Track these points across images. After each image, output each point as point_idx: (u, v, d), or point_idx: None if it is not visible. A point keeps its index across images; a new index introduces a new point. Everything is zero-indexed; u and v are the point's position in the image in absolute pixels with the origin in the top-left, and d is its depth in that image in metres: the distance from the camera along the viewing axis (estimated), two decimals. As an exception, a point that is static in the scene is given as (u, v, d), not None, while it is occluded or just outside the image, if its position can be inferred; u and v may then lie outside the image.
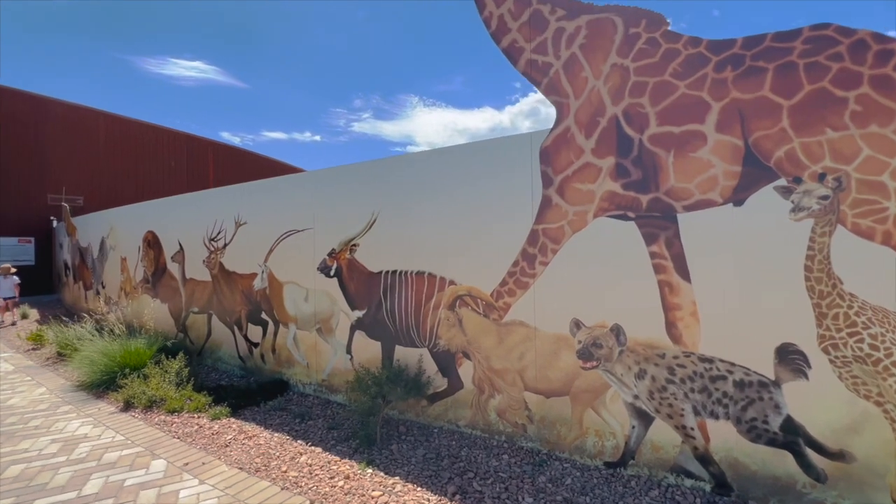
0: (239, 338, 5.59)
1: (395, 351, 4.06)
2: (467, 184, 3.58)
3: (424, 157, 3.87)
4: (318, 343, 4.67)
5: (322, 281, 4.57)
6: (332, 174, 4.56)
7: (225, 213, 5.69)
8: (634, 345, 2.90)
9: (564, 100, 3.15)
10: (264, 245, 5.17)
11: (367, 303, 4.24)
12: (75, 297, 10.98)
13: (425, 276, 3.83)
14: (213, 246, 5.88)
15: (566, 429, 3.17)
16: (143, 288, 7.46)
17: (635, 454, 2.92)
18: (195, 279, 6.27)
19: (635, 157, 2.89)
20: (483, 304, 3.52)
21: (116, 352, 5.17)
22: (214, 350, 5.98)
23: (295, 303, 4.86)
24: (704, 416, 2.70)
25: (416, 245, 3.89)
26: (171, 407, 4.30)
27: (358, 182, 4.30)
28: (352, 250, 4.33)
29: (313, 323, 4.69)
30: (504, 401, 3.44)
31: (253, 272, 5.33)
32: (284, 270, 4.98)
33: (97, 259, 9.32)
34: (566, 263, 3.15)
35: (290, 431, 3.81)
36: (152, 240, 7.21)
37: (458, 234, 3.63)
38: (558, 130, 3.17)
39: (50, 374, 5.80)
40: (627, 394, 2.93)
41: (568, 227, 3.13)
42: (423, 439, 3.57)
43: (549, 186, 3.21)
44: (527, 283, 3.30)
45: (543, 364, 3.25)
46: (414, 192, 3.89)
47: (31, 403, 4.66)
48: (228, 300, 5.69)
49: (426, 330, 3.84)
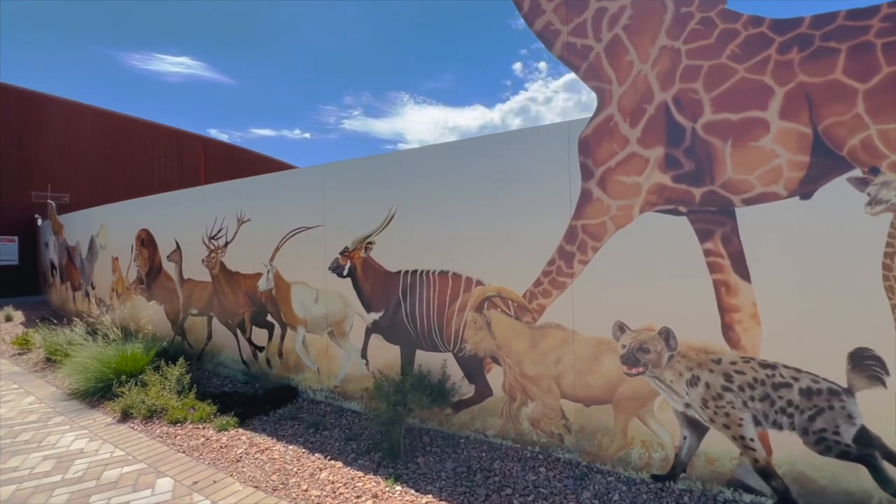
0: (242, 341, 5.29)
1: (415, 356, 3.81)
2: (497, 177, 3.34)
3: (448, 148, 3.62)
4: (329, 347, 4.41)
5: (334, 281, 4.31)
6: (344, 168, 4.29)
7: (226, 209, 5.39)
8: (686, 349, 2.69)
9: (606, 86, 2.93)
10: (270, 243, 4.88)
11: (384, 304, 3.99)
12: (63, 299, 10.54)
13: (449, 276, 3.59)
14: (213, 244, 5.57)
15: (608, 439, 2.96)
16: (137, 289, 7.11)
17: (687, 467, 2.72)
18: (193, 279, 5.95)
19: (687, 147, 2.67)
20: (514, 305, 3.28)
21: (111, 357, 4.85)
22: (215, 354, 5.67)
23: (304, 304, 4.59)
24: (766, 427, 2.50)
25: (438, 243, 3.64)
26: (174, 417, 4.01)
27: (373, 176, 4.03)
28: (367, 249, 4.07)
29: (324, 326, 4.42)
30: (538, 409, 3.22)
31: (257, 272, 5.03)
32: (292, 270, 4.70)
33: (86, 259, 8.92)
34: (608, 262, 2.93)
35: (305, 443, 3.55)
36: (146, 238, 6.86)
37: (486, 232, 3.39)
38: (600, 119, 2.95)
39: (39, 382, 5.46)
40: (678, 402, 2.73)
41: (611, 223, 2.91)
42: (449, 451, 3.33)
43: (589, 179, 2.98)
44: (564, 283, 3.08)
45: (582, 370, 3.03)
46: (436, 187, 3.64)
47: (19, 414, 4.33)
48: (230, 301, 5.39)
49: (450, 333, 3.60)
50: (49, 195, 12.26)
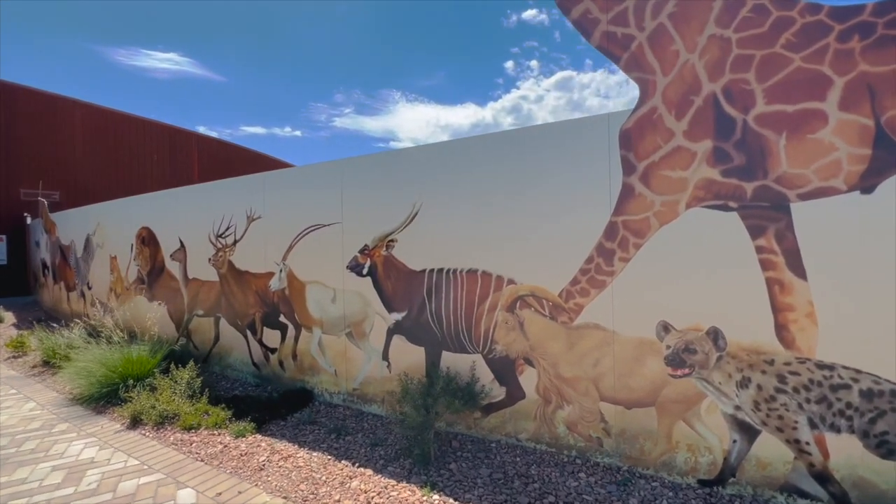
0: (253, 343, 5.12)
1: (441, 357, 3.68)
2: (530, 171, 3.22)
3: (477, 142, 3.49)
4: (347, 349, 4.26)
5: (353, 280, 4.16)
6: (364, 163, 4.13)
7: (235, 206, 5.20)
8: (737, 350, 2.59)
9: (650, 76, 2.82)
10: (282, 241, 4.71)
11: (407, 304, 3.85)
12: (55, 299, 10.22)
13: (478, 275, 3.46)
14: (220, 243, 5.38)
15: (651, 443, 2.86)
16: (138, 289, 6.88)
17: (736, 471, 2.62)
18: (199, 279, 5.75)
19: (738, 140, 2.57)
20: (549, 305, 3.17)
21: (117, 361, 4.65)
22: (223, 356, 5.49)
23: (320, 304, 4.43)
24: (823, 430, 2.41)
25: (466, 240, 3.51)
26: (187, 423, 3.84)
27: (395, 171, 3.89)
28: (388, 246, 3.92)
29: (342, 326, 4.27)
30: (575, 412, 3.11)
31: (269, 271, 4.86)
32: (307, 269, 4.54)
33: (81, 258, 8.64)
34: (652, 259, 2.82)
35: (329, 450, 3.40)
36: (147, 237, 6.63)
37: (519, 229, 3.27)
38: (643, 111, 2.83)
39: (38, 386, 5.23)
40: (727, 404, 2.63)
41: (654, 219, 2.80)
42: (482, 456, 3.21)
43: (630, 174, 2.87)
44: (603, 281, 2.97)
45: (623, 371, 2.93)
46: (464, 182, 3.51)
47: (21, 422, 4.13)
48: (240, 302, 5.21)
49: (479, 334, 3.47)
50: (40, 193, 11.89)
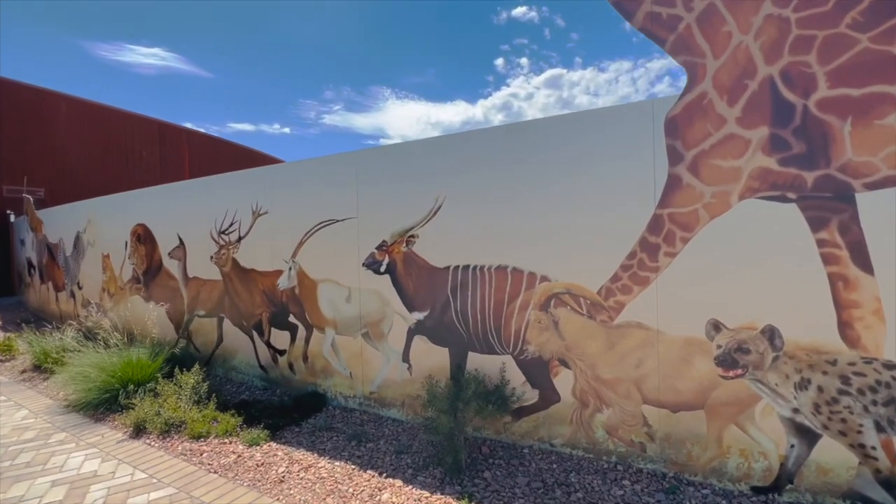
0: (259, 344, 4.88)
1: (467, 359, 3.50)
2: (566, 162, 3.04)
3: (506, 131, 3.30)
4: (364, 350, 4.05)
5: (369, 278, 3.95)
6: (381, 154, 3.92)
7: (239, 201, 4.95)
8: (795, 349, 2.45)
9: (699, 60, 2.65)
10: (291, 238, 4.48)
11: (429, 303, 3.65)
12: (43, 300, 9.82)
13: (508, 272, 3.28)
14: (223, 240, 5.13)
15: (699, 448, 2.71)
16: (133, 289, 6.58)
17: (794, 477, 2.48)
18: (200, 278, 5.49)
19: (797, 127, 2.42)
20: (587, 303, 3.00)
21: (116, 365, 4.38)
22: (227, 358, 5.24)
23: (333, 304, 4.21)
24: (891, 433, 2.28)
25: (495, 235, 3.32)
26: (195, 431, 3.60)
27: (416, 163, 3.68)
28: (409, 242, 3.72)
29: (358, 327, 4.06)
30: (616, 416, 2.95)
31: (277, 269, 4.63)
32: (319, 267, 4.31)
33: (71, 257, 8.28)
34: (701, 254, 2.66)
35: (352, 458, 3.20)
36: (143, 234, 6.34)
37: (553, 222, 3.09)
38: (691, 96, 2.67)
39: (30, 393, 4.94)
40: (784, 407, 2.49)
41: (703, 212, 2.64)
42: (516, 463, 3.04)
43: (677, 163, 2.71)
44: (647, 277, 2.81)
45: (669, 373, 2.77)
46: (492, 173, 3.32)
47: (14, 431, 3.85)
48: (245, 301, 4.97)
49: (510, 334, 3.29)
50: (24, 189, 11.44)
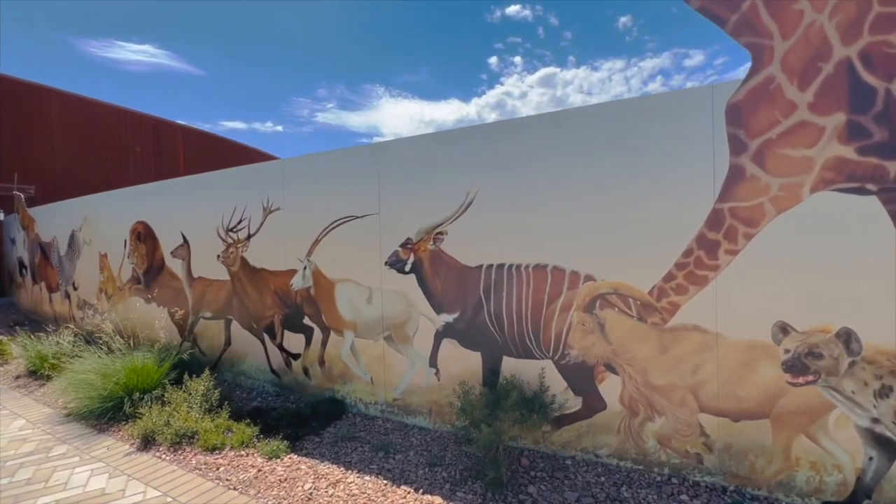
0: (271, 348, 4.64)
1: (501, 363, 3.28)
2: (614, 153, 2.83)
3: (548, 120, 3.08)
4: (386, 354, 3.82)
5: (393, 278, 3.72)
6: (406, 147, 3.69)
7: (248, 197, 4.69)
8: (874, 354, 2.26)
9: (765, 41, 2.45)
10: (306, 235, 4.24)
11: (459, 304, 3.43)
12: (35, 301, 9.47)
13: (548, 271, 3.07)
14: (231, 238, 4.87)
15: (764, 460, 2.52)
16: (133, 289, 6.29)
17: (873, 492, 2.30)
18: (206, 278, 5.22)
19: (879, 113, 2.23)
20: (637, 304, 2.80)
21: (119, 371, 4.12)
22: (235, 362, 4.99)
23: (353, 305, 3.98)
24: (985, 446, 2.10)
25: (532, 232, 3.11)
26: (209, 443, 3.36)
27: (445, 155, 3.46)
28: (436, 240, 3.50)
29: (380, 329, 3.83)
30: (669, 425, 2.75)
31: (290, 269, 4.38)
32: (337, 266, 4.08)
33: (66, 256, 7.95)
34: (766, 251, 2.47)
35: (381, 472, 2.98)
36: (144, 232, 6.05)
37: (598, 218, 2.89)
38: (756, 81, 2.47)
39: (26, 400, 4.65)
40: (862, 416, 2.30)
41: (770, 205, 2.45)
42: (560, 476, 2.83)
43: (740, 153, 2.51)
44: (705, 277, 2.61)
45: (729, 379, 2.57)
46: (529, 166, 3.11)
47: (11, 444, 3.58)
48: (255, 303, 4.72)
49: (549, 337, 3.08)
50: (14, 187, 11.05)
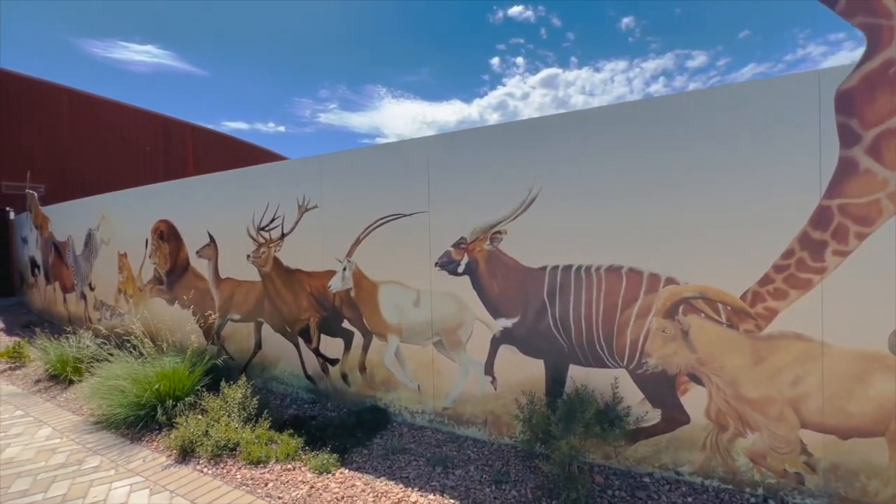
0: (306, 352, 4.42)
1: (567, 372, 3.06)
2: (699, 145, 2.61)
3: (627, 110, 2.86)
4: (435, 360, 3.60)
5: (443, 280, 3.50)
6: (459, 140, 3.47)
7: (282, 194, 4.48)
8: None
9: (884, 21, 2.23)
10: (346, 235, 4.02)
11: (519, 308, 3.21)
12: (49, 301, 9.29)
13: (623, 273, 2.85)
14: (263, 237, 4.66)
15: (879, 482, 2.29)
16: (155, 290, 6.08)
17: None
18: (234, 279, 5.02)
19: None
20: (727, 310, 2.57)
21: (150, 376, 3.91)
22: (266, 367, 4.77)
23: (398, 308, 3.76)
24: None
25: (605, 231, 2.89)
26: (253, 455, 3.14)
27: (505, 148, 3.24)
28: (493, 239, 3.28)
29: (429, 334, 3.61)
30: (764, 441, 2.52)
31: (329, 269, 4.17)
32: (380, 267, 3.86)
33: (82, 255, 7.76)
34: (882, 253, 2.24)
35: (445, 489, 2.75)
36: (167, 231, 5.85)
37: (682, 216, 2.66)
38: (873, 65, 2.25)
39: (48, 406, 4.45)
40: None
41: (888, 202, 2.22)
42: (642, 496, 2.61)
43: (852, 145, 2.28)
44: (808, 280, 2.38)
45: (836, 392, 2.35)
46: (601, 160, 2.89)
47: (40, 455, 3.38)
48: (289, 305, 4.50)
49: (624, 345, 2.86)
50: (27, 185, 10.88)
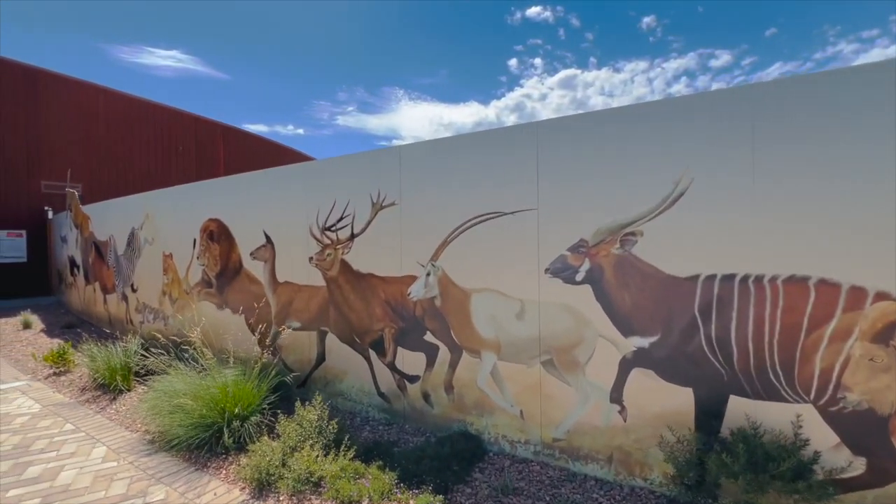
0: (379, 366, 3.96)
1: (726, 404, 2.51)
2: (933, 123, 2.04)
3: (799, 83, 2.30)
4: (544, 382, 3.09)
5: (556, 289, 2.99)
6: (577, 125, 2.96)
7: (352, 189, 4.04)
8: None
9: None
10: (430, 235, 3.55)
11: (658, 325, 2.68)
12: (87, 301, 9.11)
13: (810, 284, 2.29)
14: (329, 238, 4.22)
15: None
16: (203, 293, 5.73)
17: None
18: (293, 283, 4.60)
19: None
20: (973, 334, 1.99)
21: (216, 393, 3.49)
22: (331, 381, 4.33)
23: (496, 321, 3.26)
24: None
25: (785, 231, 2.34)
26: (342, 494, 2.68)
27: (641, 133, 2.72)
28: (625, 242, 2.75)
29: (536, 352, 3.10)
30: None
31: (408, 274, 3.70)
32: (473, 272, 3.37)
33: (124, 255, 7.50)
34: None
35: (589, 549, 2.24)
36: (218, 230, 5.48)
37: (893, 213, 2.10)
38: None
39: (99, 419, 4.09)
40: None
41: None
42: (853, 570, 2.04)
43: None
44: None
45: None
46: (778, 142, 2.34)
47: (97, 482, 2.99)
48: (359, 313, 4.05)
49: (810, 374, 2.30)
50: (68, 184, 10.79)
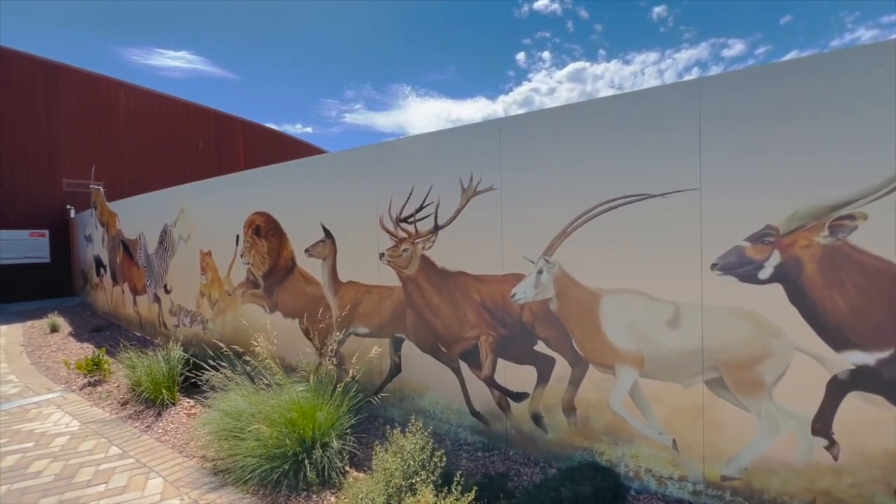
0: (473, 381, 3.37)
1: None
2: None
3: None
4: (707, 405, 2.47)
5: (727, 290, 2.36)
6: (757, 80, 2.31)
7: (435, 173, 3.44)
8: None
9: None
10: (541, 225, 2.94)
11: (890, 337, 2.04)
12: (115, 303, 8.67)
13: None
14: (405, 230, 3.64)
15: None
16: (248, 295, 5.19)
17: None
18: (359, 283, 4.03)
19: None
20: None
21: (293, 416, 2.92)
22: (408, 396, 3.75)
23: (636, 329, 2.65)
24: None
25: None
26: (475, 552, 2.10)
27: (858, 83, 2.07)
28: (836, 229, 2.12)
29: (696, 368, 2.48)
30: None
31: (511, 272, 3.10)
32: (603, 269, 2.76)
33: (156, 254, 7.02)
34: None
35: None
36: (265, 225, 4.93)
37: None
38: None
39: (147, 441, 3.57)
40: None
41: None
42: None
43: None
44: None
45: None
46: None
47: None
48: (445, 318, 3.46)
49: None
50: (92, 181, 10.38)
